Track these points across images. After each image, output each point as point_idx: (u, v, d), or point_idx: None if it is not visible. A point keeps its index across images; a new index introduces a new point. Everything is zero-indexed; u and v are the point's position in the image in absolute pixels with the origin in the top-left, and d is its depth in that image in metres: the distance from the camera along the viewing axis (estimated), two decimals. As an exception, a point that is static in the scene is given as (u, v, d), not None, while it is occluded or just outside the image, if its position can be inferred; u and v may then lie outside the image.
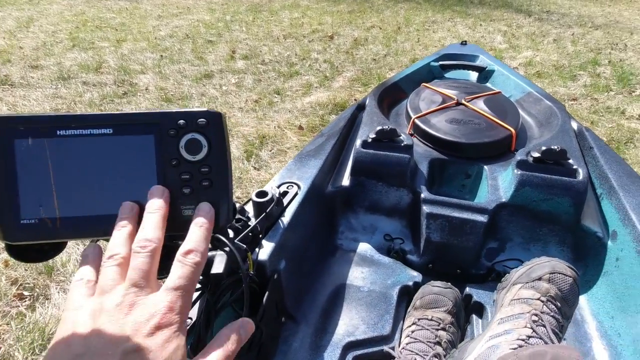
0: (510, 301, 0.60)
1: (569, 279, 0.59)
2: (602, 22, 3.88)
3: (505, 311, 0.59)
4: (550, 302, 0.57)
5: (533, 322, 0.54)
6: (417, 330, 0.72)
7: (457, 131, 1.02)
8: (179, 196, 0.35)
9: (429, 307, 0.76)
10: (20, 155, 0.33)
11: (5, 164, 0.33)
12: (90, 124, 0.34)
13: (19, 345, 0.87)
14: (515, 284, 0.63)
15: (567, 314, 0.59)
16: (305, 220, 0.83)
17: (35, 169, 0.33)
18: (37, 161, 0.33)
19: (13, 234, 0.33)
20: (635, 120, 1.89)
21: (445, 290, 0.77)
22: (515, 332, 0.53)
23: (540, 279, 0.60)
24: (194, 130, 0.35)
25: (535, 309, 0.56)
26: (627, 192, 0.80)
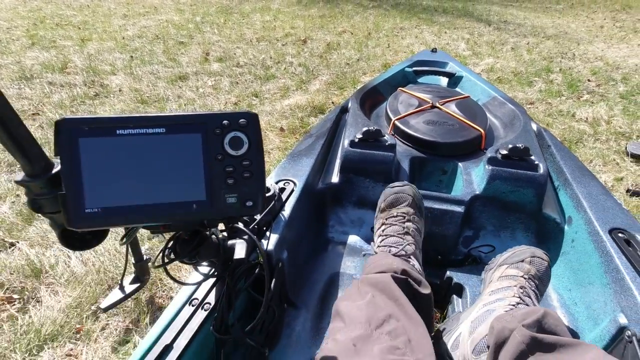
0: (499, 278, 0.70)
1: (545, 262, 0.71)
2: (553, 32, 4.22)
3: (494, 285, 0.69)
4: (531, 279, 0.68)
5: (520, 292, 0.64)
6: (386, 228, 0.82)
7: (433, 132, 1.12)
8: (223, 186, 0.41)
9: (394, 206, 0.85)
10: (84, 152, 0.37)
11: (72, 160, 0.37)
12: (146, 124, 0.39)
13: (15, 347, 0.87)
14: (501, 265, 0.73)
15: (542, 290, 0.69)
16: (301, 215, 0.90)
17: (97, 164, 0.38)
18: (99, 157, 0.38)
19: (78, 222, 0.38)
20: (584, 123, 2.10)
21: (404, 188, 0.87)
22: (507, 300, 0.63)
23: (522, 261, 0.71)
24: (237, 129, 0.41)
25: (520, 284, 0.67)
26: (579, 183, 0.93)
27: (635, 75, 2.86)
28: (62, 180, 0.38)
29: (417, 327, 0.56)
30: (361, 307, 0.57)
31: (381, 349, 0.49)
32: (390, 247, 0.77)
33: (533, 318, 0.53)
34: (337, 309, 0.60)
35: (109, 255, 1.13)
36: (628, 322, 0.64)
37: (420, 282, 0.68)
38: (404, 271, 0.66)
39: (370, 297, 0.59)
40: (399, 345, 0.51)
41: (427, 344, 0.54)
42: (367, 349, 0.49)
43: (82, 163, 0.37)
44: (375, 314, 0.55)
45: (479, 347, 0.59)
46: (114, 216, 0.39)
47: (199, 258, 0.50)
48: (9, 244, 1.16)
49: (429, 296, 0.68)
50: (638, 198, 1.46)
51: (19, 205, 1.31)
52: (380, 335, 0.52)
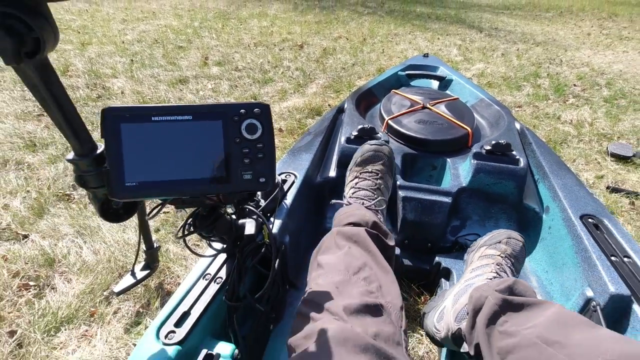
0: (479, 257, 0.78)
1: (520, 243, 0.78)
2: (542, 39, 4.36)
3: (475, 264, 0.77)
4: (507, 258, 0.75)
5: (497, 268, 0.72)
6: (360, 181, 0.90)
7: (424, 130, 1.20)
8: (240, 165, 0.48)
9: (369, 162, 0.93)
10: (125, 135, 0.45)
11: (115, 141, 0.44)
12: (176, 112, 0.46)
13: (34, 327, 0.93)
14: (481, 247, 0.81)
15: (517, 268, 0.77)
16: (301, 205, 0.97)
17: (135, 145, 0.45)
18: (137, 139, 0.45)
19: (119, 193, 0.45)
20: (568, 125, 2.20)
21: (381, 147, 0.96)
22: (485, 275, 0.71)
23: (500, 242, 0.78)
24: (252, 116, 0.48)
25: (497, 261, 0.74)
26: (556, 176, 1.01)
27: (619, 80, 2.98)
28: (107, 159, 0.45)
29: (387, 274, 0.65)
30: (339, 257, 0.65)
31: (359, 291, 0.57)
32: (363, 200, 0.85)
33: (505, 284, 0.61)
34: (317, 261, 0.68)
35: (118, 246, 1.20)
36: (594, 295, 0.72)
37: (387, 235, 0.78)
38: (374, 223, 0.75)
39: (347, 249, 0.67)
40: (373, 290, 0.59)
41: (395, 289, 0.64)
42: (347, 291, 0.58)
43: (122, 144, 0.44)
44: (352, 263, 0.63)
45: (460, 315, 0.67)
46: (148, 189, 0.46)
47: (215, 231, 0.58)
48: (22, 236, 1.22)
49: (394, 247, 0.79)
50: (617, 194, 1.55)
51: (30, 200, 1.37)
52: (357, 280, 0.60)
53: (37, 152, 1.70)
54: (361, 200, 0.85)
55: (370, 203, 0.85)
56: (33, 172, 1.55)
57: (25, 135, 1.83)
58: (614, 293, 0.68)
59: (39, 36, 0.35)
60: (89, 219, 1.31)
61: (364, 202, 0.85)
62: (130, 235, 1.24)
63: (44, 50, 0.37)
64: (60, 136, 1.83)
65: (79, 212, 1.34)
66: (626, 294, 0.67)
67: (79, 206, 1.38)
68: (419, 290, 1.01)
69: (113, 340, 0.94)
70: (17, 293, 1.03)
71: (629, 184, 1.63)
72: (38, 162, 1.62)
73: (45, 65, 0.39)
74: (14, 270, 1.09)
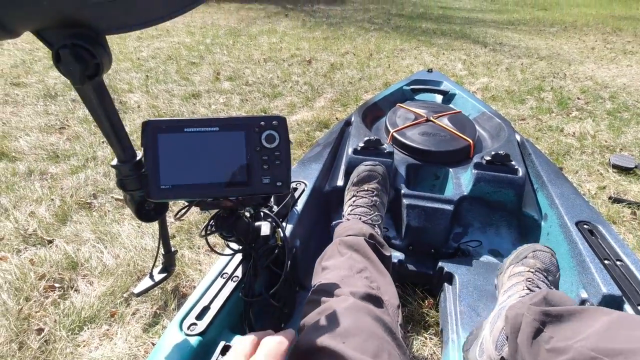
0: (508, 278, 0.76)
1: (547, 254, 0.76)
2: (546, 54, 4.42)
3: (505, 285, 0.74)
4: (538, 272, 0.72)
5: (528, 284, 0.69)
6: (357, 200, 0.96)
7: (427, 142, 1.26)
8: (260, 170, 0.55)
9: (365, 182, 1.00)
10: (161, 144, 0.51)
11: (153, 149, 0.51)
12: (205, 124, 0.53)
13: (60, 326, 0.99)
14: (508, 267, 0.78)
15: (552, 281, 0.72)
16: (310, 212, 1.03)
17: (170, 152, 0.52)
18: (172, 147, 0.52)
19: (155, 194, 0.51)
20: (571, 137, 2.24)
21: (375, 167, 1.03)
22: (517, 294, 0.68)
23: (526, 257, 0.76)
24: (271, 128, 0.55)
25: (527, 277, 0.71)
26: (554, 185, 1.06)
27: (622, 93, 3.02)
28: (145, 164, 0.51)
29: (385, 277, 0.70)
30: (342, 261, 0.71)
31: (362, 284, 0.63)
32: (360, 216, 0.91)
33: (539, 297, 0.58)
34: (321, 266, 0.74)
35: (137, 250, 1.26)
36: (588, 296, 0.76)
37: (383, 245, 0.83)
38: (371, 235, 0.81)
39: (349, 255, 0.73)
40: (374, 287, 0.64)
41: (392, 290, 0.68)
42: (352, 282, 0.63)
43: (159, 152, 0.51)
44: (355, 265, 0.69)
45: (499, 342, 0.62)
46: (179, 191, 0.52)
47: (235, 231, 0.64)
48: (48, 241, 1.29)
49: (390, 257, 0.84)
50: (619, 204, 1.58)
51: (54, 208, 1.45)
52: (360, 277, 0.66)
53: (60, 162, 1.80)
54: (359, 216, 0.92)
55: (367, 218, 0.91)
56: (56, 182, 1.64)
57: (49, 147, 1.93)
58: (606, 294, 0.72)
59: (99, 62, 0.43)
60: (108, 226, 1.38)
61: (361, 217, 0.91)
62: (148, 241, 1.31)
63: (102, 72, 0.44)
64: (81, 147, 1.92)
65: (100, 219, 1.41)
66: (617, 294, 0.71)
67: (100, 213, 1.45)
68: (422, 294, 1.06)
69: (132, 339, 1.00)
70: (44, 294, 1.09)
71: (630, 195, 1.66)
72: (61, 172, 1.71)
73: (101, 85, 0.47)
74: (41, 273, 1.16)
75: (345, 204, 1.02)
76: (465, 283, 0.95)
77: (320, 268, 0.74)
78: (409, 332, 0.99)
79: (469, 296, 0.92)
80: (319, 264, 0.77)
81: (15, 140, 1.99)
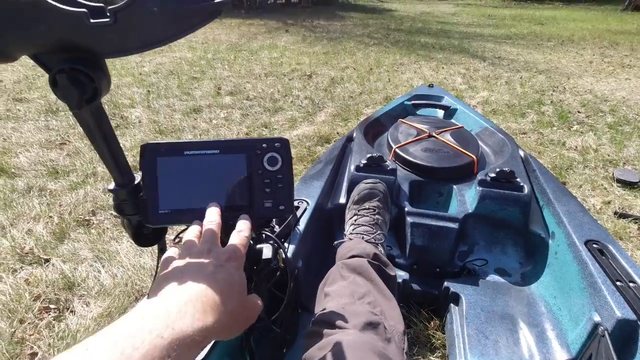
0: None
1: None
2: (545, 67, 4.46)
3: None
4: None
5: None
6: (359, 218, 0.94)
7: (430, 158, 1.25)
8: (262, 194, 0.53)
9: (366, 200, 0.98)
10: (160, 167, 0.50)
11: (151, 173, 0.50)
12: (205, 147, 0.51)
13: (53, 350, 0.96)
14: None
15: None
16: (313, 230, 1.01)
17: (169, 176, 0.50)
18: (171, 171, 0.50)
19: (154, 220, 0.50)
20: (573, 151, 2.23)
21: (376, 185, 1.01)
22: None
23: None
24: (273, 150, 0.53)
25: None
26: (560, 202, 1.04)
27: (622, 107, 3.03)
28: (143, 188, 0.50)
29: (389, 301, 0.68)
30: (345, 286, 0.68)
31: (364, 311, 0.60)
32: (363, 235, 0.89)
33: None
34: (324, 292, 0.71)
35: (135, 270, 1.24)
36: (601, 320, 0.73)
37: (387, 265, 0.81)
38: (375, 255, 0.79)
39: (352, 279, 0.70)
40: (377, 313, 0.62)
41: (397, 315, 0.66)
42: (353, 310, 0.61)
43: (158, 175, 0.50)
44: (357, 290, 0.66)
45: None
46: (179, 216, 0.50)
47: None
48: (44, 260, 1.27)
49: (395, 277, 0.81)
50: (625, 219, 1.55)
51: (52, 225, 1.43)
52: (362, 304, 0.63)
53: (59, 179, 1.78)
54: (361, 235, 0.90)
55: (370, 237, 0.89)
56: (55, 198, 1.62)
57: (49, 163, 1.92)
58: (620, 318, 0.69)
59: (97, 85, 0.42)
60: (107, 244, 1.36)
61: (363, 236, 0.89)
62: (147, 260, 1.28)
63: (100, 96, 0.43)
64: (81, 164, 1.91)
65: (98, 237, 1.39)
66: (632, 319, 0.69)
67: (98, 231, 1.43)
68: (428, 315, 1.03)
69: (129, 363, 0.96)
70: (38, 316, 1.06)
71: (636, 210, 1.64)
72: (60, 188, 1.70)
73: (99, 109, 0.45)
74: (36, 293, 1.13)
75: (346, 223, 1.00)
76: (472, 304, 0.92)
77: (322, 294, 0.72)
78: (415, 355, 0.96)
79: (477, 318, 0.89)
80: (322, 289, 0.74)
81: (16, 156, 1.98)
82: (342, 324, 0.58)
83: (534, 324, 0.88)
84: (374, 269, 0.76)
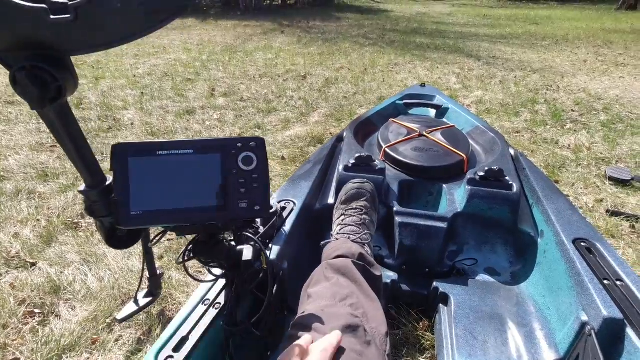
0: None
1: None
2: (539, 67, 4.46)
3: None
4: None
5: None
6: (346, 218, 0.92)
7: (420, 157, 1.24)
8: (237, 194, 0.52)
9: (354, 199, 0.97)
10: (132, 168, 0.49)
11: (122, 174, 0.48)
12: (179, 146, 0.50)
13: (36, 355, 0.94)
14: None
15: None
16: (300, 231, 1.00)
17: (141, 177, 0.49)
18: (143, 172, 0.49)
19: (125, 222, 0.48)
20: (567, 149, 2.23)
21: (364, 185, 0.99)
22: None
23: None
24: (248, 149, 0.52)
25: None
26: (549, 200, 1.03)
27: (615, 105, 3.03)
28: (115, 189, 0.49)
29: (372, 302, 0.66)
30: (327, 287, 0.67)
31: (344, 313, 0.59)
32: (349, 235, 0.88)
33: None
34: (307, 293, 0.70)
35: (123, 273, 1.22)
36: (588, 319, 0.72)
37: (373, 265, 0.80)
38: (360, 255, 0.78)
39: (335, 280, 0.69)
40: (358, 315, 0.60)
41: (380, 316, 0.64)
42: (333, 312, 0.59)
43: (130, 176, 0.48)
44: (339, 292, 0.65)
45: None
46: (151, 217, 0.49)
47: (214, 258, 0.60)
48: (31, 264, 1.25)
49: (380, 277, 0.80)
50: (617, 217, 1.55)
51: (40, 229, 1.42)
52: (343, 306, 0.62)
53: (49, 181, 1.77)
54: (348, 235, 0.89)
55: (356, 237, 0.88)
56: (44, 201, 1.61)
57: (38, 165, 1.90)
58: (607, 317, 0.69)
59: (61, 84, 0.40)
60: (95, 247, 1.34)
61: (350, 236, 0.88)
62: (135, 263, 1.27)
63: (65, 95, 0.42)
64: (71, 166, 1.90)
65: (86, 240, 1.38)
66: (619, 318, 0.68)
67: (86, 234, 1.41)
68: (417, 315, 1.02)
69: (114, 368, 0.95)
70: (22, 320, 1.05)
71: (628, 208, 1.64)
72: (49, 191, 1.68)
73: (64, 108, 0.44)
74: (21, 297, 1.12)
75: (334, 223, 0.99)
76: (460, 304, 0.92)
77: (306, 296, 0.71)
78: (404, 356, 0.95)
79: (465, 318, 0.88)
80: (305, 290, 0.73)
81: (5, 159, 1.96)
82: (320, 327, 0.56)
83: (522, 323, 0.87)
84: (359, 269, 0.75)
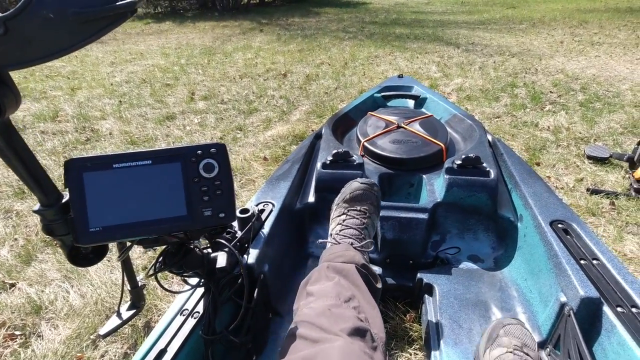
0: None
1: (517, 325, 0.71)
2: (517, 50, 4.51)
3: None
4: (517, 350, 0.67)
5: None
6: (347, 219, 0.87)
7: (399, 149, 1.24)
8: (200, 202, 0.51)
9: (358, 201, 0.90)
10: (87, 183, 0.47)
11: (78, 190, 0.47)
12: (136, 158, 0.49)
13: (19, 379, 0.92)
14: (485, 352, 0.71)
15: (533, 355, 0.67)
16: (281, 232, 0.99)
17: (98, 192, 0.48)
18: (100, 186, 0.48)
19: (84, 239, 0.47)
20: (546, 131, 2.26)
21: (372, 188, 0.94)
22: None
23: (498, 336, 0.71)
24: (208, 156, 0.51)
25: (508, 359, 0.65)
26: (527, 184, 1.04)
27: (592, 84, 3.08)
28: (71, 207, 0.47)
29: (373, 309, 0.65)
30: (330, 286, 0.66)
31: (351, 315, 0.58)
32: (352, 240, 0.83)
33: None
34: (306, 291, 0.68)
35: (106, 287, 1.20)
36: (567, 300, 0.73)
37: (375, 277, 0.78)
38: (364, 266, 0.76)
39: (337, 280, 0.68)
40: (363, 319, 0.59)
41: (380, 324, 0.63)
42: (340, 313, 0.58)
43: (86, 192, 0.47)
44: (342, 292, 0.64)
45: None
46: (112, 233, 0.48)
47: (186, 267, 0.59)
48: (9, 285, 1.22)
49: (380, 290, 0.78)
50: (597, 195, 1.57)
51: (17, 248, 1.38)
52: (348, 307, 0.61)
53: (26, 199, 1.72)
54: (349, 239, 0.84)
55: (359, 244, 0.83)
56: (21, 220, 1.57)
57: (14, 183, 1.85)
58: (584, 296, 0.69)
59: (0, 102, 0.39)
60: (76, 263, 1.31)
61: (352, 242, 0.83)
62: (118, 276, 1.24)
63: (5, 113, 0.40)
64: (48, 181, 1.85)
65: (67, 256, 1.34)
66: (595, 297, 0.69)
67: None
68: (404, 308, 1.02)
69: (101, 385, 0.93)
70: (3, 344, 1.02)
71: (608, 185, 1.67)
72: (27, 208, 1.64)
73: (6, 126, 0.42)
74: (0, 321, 1.08)
75: (332, 220, 0.93)
76: (445, 293, 0.92)
77: (304, 293, 0.69)
78: (392, 349, 0.95)
79: (450, 307, 0.89)
80: (304, 287, 0.71)
81: (-21, 178, 1.91)
82: (329, 327, 0.55)
83: (506, 308, 0.88)
84: (362, 277, 0.73)
